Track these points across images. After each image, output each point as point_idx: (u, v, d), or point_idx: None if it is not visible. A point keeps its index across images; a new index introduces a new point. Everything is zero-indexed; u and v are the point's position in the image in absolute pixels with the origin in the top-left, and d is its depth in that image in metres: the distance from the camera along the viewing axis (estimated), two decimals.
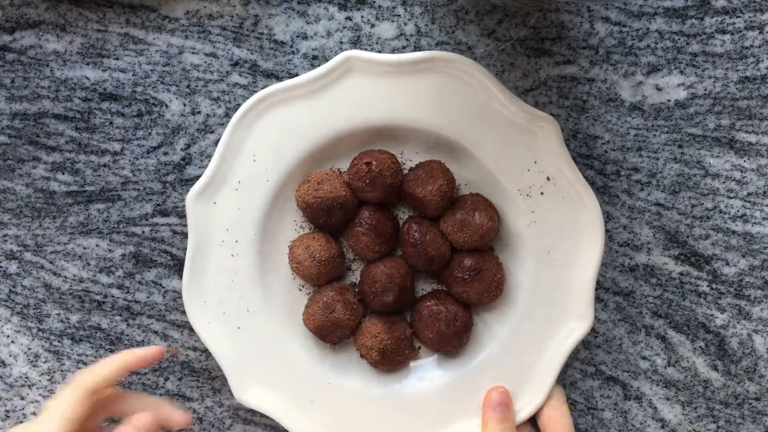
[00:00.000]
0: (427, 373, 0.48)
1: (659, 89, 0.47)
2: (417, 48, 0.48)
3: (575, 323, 0.45)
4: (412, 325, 0.47)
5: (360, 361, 0.48)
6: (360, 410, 0.47)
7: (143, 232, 0.49)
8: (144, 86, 0.48)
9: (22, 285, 0.49)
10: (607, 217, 0.48)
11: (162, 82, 0.48)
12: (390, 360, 0.46)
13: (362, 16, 0.47)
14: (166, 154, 0.48)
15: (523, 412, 0.46)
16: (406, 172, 0.47)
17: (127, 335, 0.49)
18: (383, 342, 0.46)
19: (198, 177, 0.48)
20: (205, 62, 0.48)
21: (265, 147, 0.46)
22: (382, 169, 0.44)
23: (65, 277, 0.49)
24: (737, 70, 0.47)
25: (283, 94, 0.45)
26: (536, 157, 0.45)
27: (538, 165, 0.45)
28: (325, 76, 0.45)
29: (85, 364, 0.50)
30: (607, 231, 0.48)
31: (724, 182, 0.48)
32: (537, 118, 0.44)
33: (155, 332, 0.49)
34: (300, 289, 0.48)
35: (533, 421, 0.47)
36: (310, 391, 0.47)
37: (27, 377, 0.50)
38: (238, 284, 0.46)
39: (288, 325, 0.48)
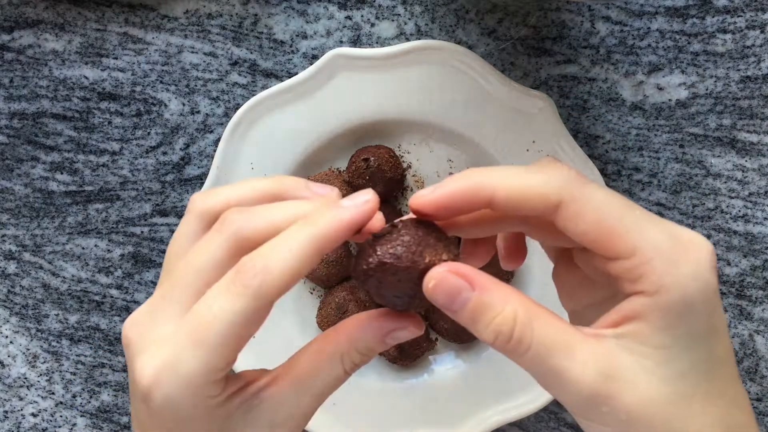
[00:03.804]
0: (446, 364, 0.48)
1: (660, 89, 0.47)
2: None
3: None
4: (426, 317, 0.47)
5: (378, 358, 0.48)
6: (383, 407, 0.47)
7: (142, 232, 0.49)
8: (143, 86, 0.48)
9: (20, 285, 0.49)
10: None
11: (161, 82, 0.48)
12: (408, 354, 0.46)
13: (362, 15, 0.47)
14: (165, 153, 0.48)
15: (545, 394, 0.46)
16: (405, 164, 0.47)
17: None
18: None
19: (197, 177, 0.48)
20: (204, 62, 0.47)
21: (262, 154, 0.46)
22: (380, 164, 0.44)
23: (64, 277, 0.49)
24: (738, 70, 0.47)
25: (274, 99, 0.45)
26: (534, 136, 0.45)
27: (537, 144, 0.45)
28: (313, 77, 0.45)
29: (83, 365, 0.49)
30: None
31: (725, 182, 0.48)
32: (531, 96, 0.44)
33: None
34: (311, 293, 0.48)
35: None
36: (331, 395, 0.47)
37: (26, 378, 0.50)
38: None
39: (303, 330, 0.48)
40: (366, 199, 0.25)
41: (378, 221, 0.26)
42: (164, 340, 0.25)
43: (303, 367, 0.27)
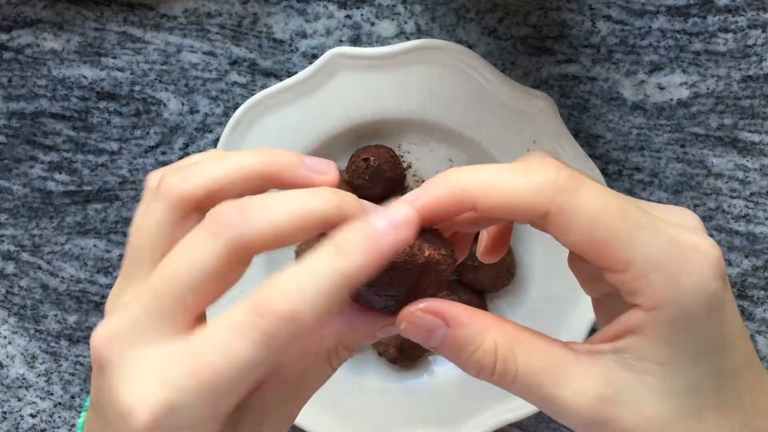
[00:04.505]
0: (446, 365, 0.48)
1: (661, 88, 0.47)
2: None
3: (589, 302, 0.45)
4: None
5: (378, 359, 0.48)
6: (383, 408, 0.47)
7: None
8: (142, 85, 0.47)
9: (19, 285, 0.49)
10: None
11: (160, 81, 0.47)
12: (408, 355, 0.46)
13: (362, 15, 0.47)
14: (164, 153, 0.48)
15: None
16: (405, 164, 0.47)
17: None
18: (400, 337, 0.46)
19: None
20: (203, 61, 0.47)
21: None
22: (380, 164, 0.44)
23: (62, 277, 0.49)
24: (740, 69, 0.47)
25: (274, 98, 0.45)
26: (534, 135, 0.45)
27: (538, 144, 0.45)
28: (313, 76, 0.44)
29: (82, 365, 0.49)
30: None
31: (727, 182, 0.47)
32: (532, 96, 0.44)
33: None
34: None
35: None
36: (331, 395, 0.47)
37: (24, 378, 0.50)
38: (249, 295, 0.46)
39: None
40: (405, 220, 0.21)
41: None
42: (158, 368, 0.21)
43: (288, 369, 0.24)
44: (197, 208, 0.23)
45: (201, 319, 0.22)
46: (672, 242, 0.21)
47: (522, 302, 0.47)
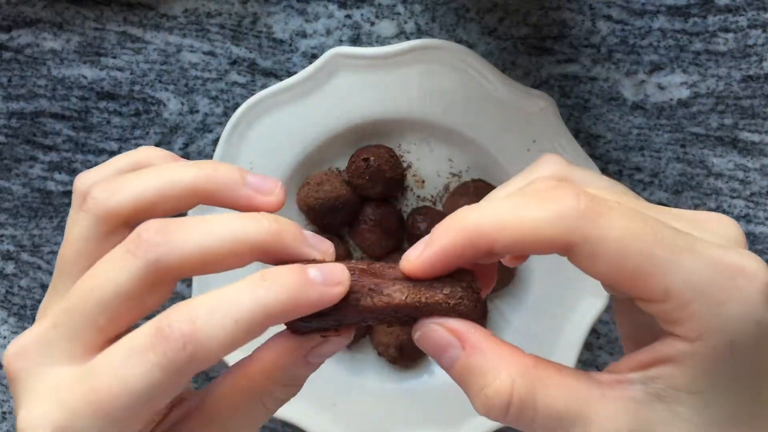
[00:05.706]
0: None
1: (662, 88, 0.47)
2: None
3: (590, 300, 0.45)
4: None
5: (378, 359, 0.48)
6: (383, 408, 0.47)
7: None
8: (142, 85, 0.47)
9: (18, 286, 0.49)
10: None
11: (160, 81, 0.47)
12: (408, 355, 0.46)
13: (362, 14, 0.47)
14: None
15: None
16: (405, 164, 0.47)
17: None
18: (400, 337, 0.46)
19: None
20: (203, 61, 0.47)
21: (261, 154, 0.45)
22: (380, 164, 0.44)
23: None
24: (740, 69, 0.47)
25: (274, 98, 0.45)
26: (535, 135, 0.45)
27: (538, 144, 0.45)
28: (313, 76, 0.44)
29: None
30: None
31: (727, 182, 0.47)
32: (532, 96, 0.44)
33: None
34: None
35: None
36: (331, 395, 0.47)
37: None
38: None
39: None
40: (339, 280, 0.21)
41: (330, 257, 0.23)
42: (57, 390, 0.20)
43: (218, 404, 0.23)
44: (126, 223, 0.22)
45: (116, 340, 0.21)
46: (714, 266, 0.19)
47: (522, 302, 0.47)
